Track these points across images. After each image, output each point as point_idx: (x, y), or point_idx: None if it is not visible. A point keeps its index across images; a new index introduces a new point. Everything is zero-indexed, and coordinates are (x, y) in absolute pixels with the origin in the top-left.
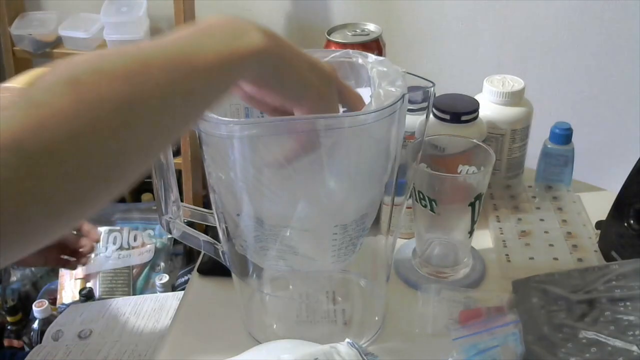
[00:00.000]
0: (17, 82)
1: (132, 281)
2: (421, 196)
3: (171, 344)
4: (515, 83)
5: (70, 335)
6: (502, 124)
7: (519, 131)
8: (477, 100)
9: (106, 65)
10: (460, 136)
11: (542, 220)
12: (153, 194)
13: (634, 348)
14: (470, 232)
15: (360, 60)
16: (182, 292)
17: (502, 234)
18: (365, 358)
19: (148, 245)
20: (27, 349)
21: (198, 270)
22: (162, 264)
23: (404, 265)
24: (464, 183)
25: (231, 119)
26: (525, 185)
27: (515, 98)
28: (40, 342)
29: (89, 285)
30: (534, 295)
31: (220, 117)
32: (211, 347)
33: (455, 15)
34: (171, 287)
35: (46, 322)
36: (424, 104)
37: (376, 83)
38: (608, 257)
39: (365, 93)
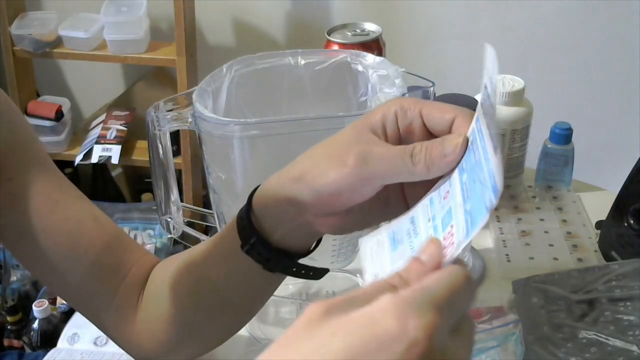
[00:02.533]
0: None
1: None
2: None
3: None
4: (515, 83)
5: (86, 340)
6: (502, 124)
7: (519, 131)
8: (477, 100)
9: None
10: None
11: (542, 220)
12: (153, 194)
13: (634, 348)
14: None
15: (360, 67)
16: None
17: (502, 234)
18: None
19: (148, 245)
20: (27, 348)
21: None
22: None
23: None
24: None
25: (231, 119)
26: (525, 185)
27: (515, 98)
28: (40, 343)
29: None
30: (534, 295)
31: (220, 117)
32: None
33: (455, 15)
34: None
35: (46, 322)
36: None
37: (377, 89)
38: (608, 257)
39: None
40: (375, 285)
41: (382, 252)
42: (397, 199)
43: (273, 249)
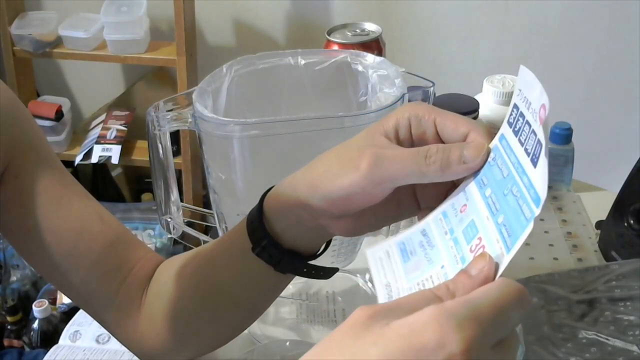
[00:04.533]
0: None
1: None
2: None
3: None
4: (515, 83)
5: (88, 337)
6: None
7: None
8: (477, 100)
9: None
10: None
11: (542, 220)
12: (153, 194)
13: (634, 348)
14: None
15: (360, 67)
16: None
17: None
18: None
19: (148, 245)
20: (27, 349)
21: None
22: None
23: None
24: None
25: (231, 119)
26: None
27: None
28: (40, 343)
29: None
30: (534, 295)
31: (220, 117)
32: None
33: (455, 15)
34: None
35: (46, 322)
36: None
37: (377, 89)
38: (608, 257)
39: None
40: (421, 294)
41: (393, 263)
42: (409, 200)
43: (284, 250)
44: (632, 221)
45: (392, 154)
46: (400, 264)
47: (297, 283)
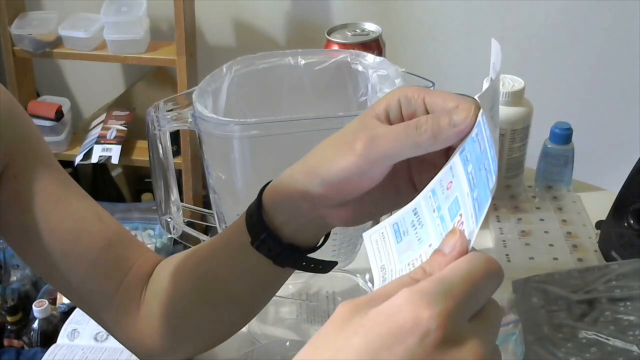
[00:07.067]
0: None
1: None
2: None
3: None
4: (515, 83)
5: (86, 336)
6: (502, 123)
7: (519, 131)
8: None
9: None
10: None
11: (542, 220)
12: (153, 194)
13: (634, 348)
14: None
15: (360, 67)
16: None
17: (502, 234)
18: None
19: (148, 245)
20: (27, 348)
21: None
22: None
23: None
24: None
25: (231, 119)
26: (525, 185)
27: (515, 98)
28: (40, 343)
29: None
30: (534, 295)
31: (220, 117)
32: None
33: (455, 15)
34: None
35: (46, 322)
36: None
37: (377, 89)
38: (608, 257)
39: None
40: (398, 281)
41: (387, 245)
42: (407, 186)
43: (283, 244)
44: (632, 221)
45: (385, 130)
46: (394, 245)
47: (297, 283)
